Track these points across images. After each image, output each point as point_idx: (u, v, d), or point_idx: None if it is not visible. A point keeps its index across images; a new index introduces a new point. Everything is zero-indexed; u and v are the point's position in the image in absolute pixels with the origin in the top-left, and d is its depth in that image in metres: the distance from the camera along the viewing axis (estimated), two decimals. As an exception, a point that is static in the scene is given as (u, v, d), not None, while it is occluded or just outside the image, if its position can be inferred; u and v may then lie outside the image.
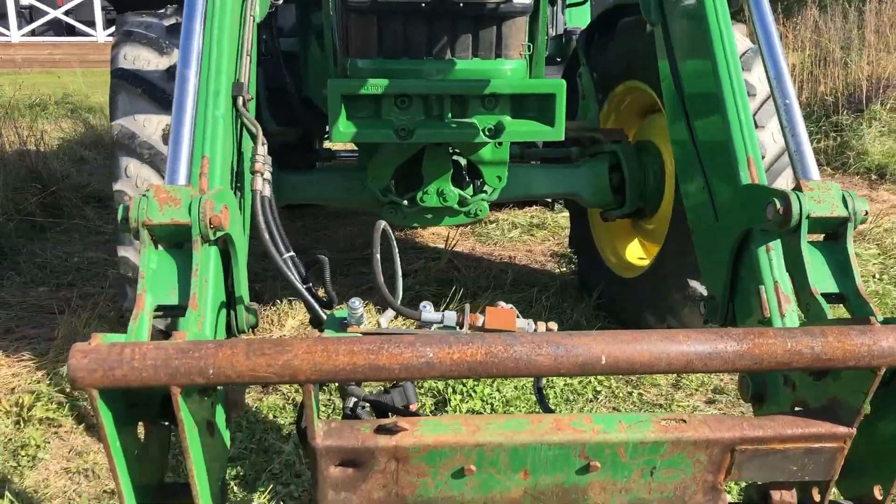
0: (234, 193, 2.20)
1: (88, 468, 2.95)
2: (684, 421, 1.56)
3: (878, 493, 1.71)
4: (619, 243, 4.54)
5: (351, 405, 1.88)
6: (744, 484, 1.71)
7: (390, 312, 1.90)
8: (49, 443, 3.11)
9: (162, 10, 3.65)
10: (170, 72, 3.27)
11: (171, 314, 1.75)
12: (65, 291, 4.70)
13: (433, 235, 6.00)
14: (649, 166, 4.05)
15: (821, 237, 1.94)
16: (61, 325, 3.83)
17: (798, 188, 1.87)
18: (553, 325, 1.72)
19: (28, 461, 2.97)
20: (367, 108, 3.21)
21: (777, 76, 2.06)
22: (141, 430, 1.63)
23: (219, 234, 1.79)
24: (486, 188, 3.76)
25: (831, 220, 1.85)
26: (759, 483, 1.67)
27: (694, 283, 3.66)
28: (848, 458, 1.61)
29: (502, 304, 1.72)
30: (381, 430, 1.51)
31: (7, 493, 2.76)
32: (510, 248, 5.67)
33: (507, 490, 1.58)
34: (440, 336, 1.40)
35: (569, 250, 5.47)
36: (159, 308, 1.73)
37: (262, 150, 2.19)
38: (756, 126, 3.46)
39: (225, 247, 1.93)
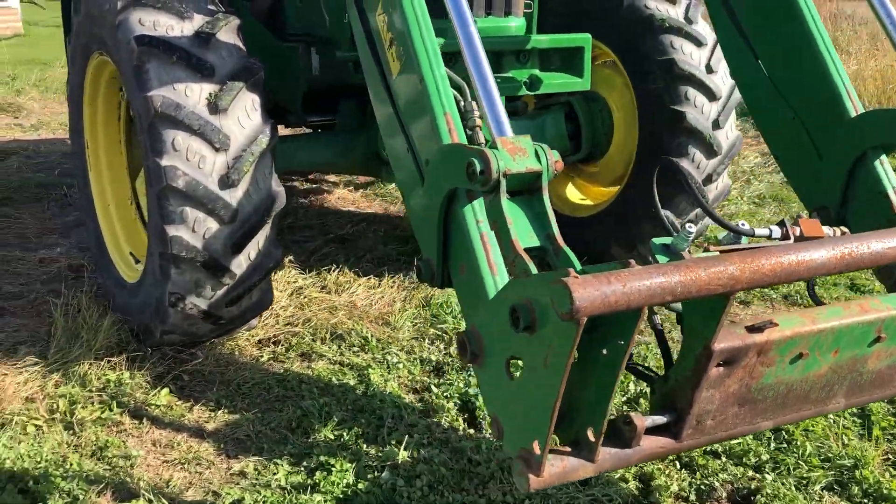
0: None
1: (192, 457, 2.81)
2: (934, 295, 1.99)
3: None
4: (558, 188, 4.94)
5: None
6: None
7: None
8: (125, 442, 2.90)
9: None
10: (199, 36, 3.10)
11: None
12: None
13: (338, 200, 6.02)
14: (598, 114, 4.47)
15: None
16: (56, 322, 3.48)
17: None
18: (845, 230, 2.06)
19: (125, 462, 2.76)
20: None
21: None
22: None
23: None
24: (479, 141, 3.96)
25: None
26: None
27: (666, 213, 4.17)
28: None
29: (805, 215, 2.02)
30: (751, 329, 1.77)
31: (142, 490, 2.58)
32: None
33: (819, 368, 1.92)
34: (818, 243, 1.69)
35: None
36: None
37: (475, 105, 2.25)
38: (718, 126, 4.01)
39: None
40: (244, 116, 3.09)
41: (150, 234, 3.20)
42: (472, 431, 2.98)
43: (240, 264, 3.17)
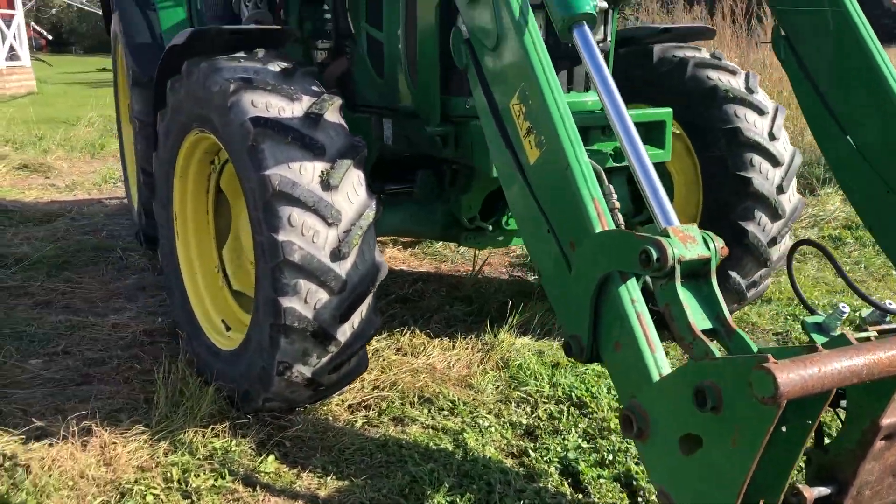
0: None
1: (314, 525, 2.89)
2: None
3: None
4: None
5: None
6: None
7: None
8: (246, 510, 2.98)
9: (247, 55, 3.57)
10: (309, 117, 3.25)
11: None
12: (71, 360, 4.27)
13: (389, 259, 6.15)
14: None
15: None
16: (158, 390, 3.56)
17: None
18: None
19: (251, 530, 2.84)
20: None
21: None
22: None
23: None
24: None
25: None
26: None
27: (734, 273, 4.31)
28: None
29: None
30: (910, 404, 1.89)
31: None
32: (475, 263, 5.99)
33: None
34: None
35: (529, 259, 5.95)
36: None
37: (612, 188, 2.40)
38: (782, 191, 4.18)
39: None
40: (352, 192, 3.23)
41: (258, 304, 3.31)
42: (579, 496, 3.07)
43: (344, 332, 3.28)
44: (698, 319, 1.96)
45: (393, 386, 3.87)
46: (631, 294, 2.09)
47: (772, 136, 4.22)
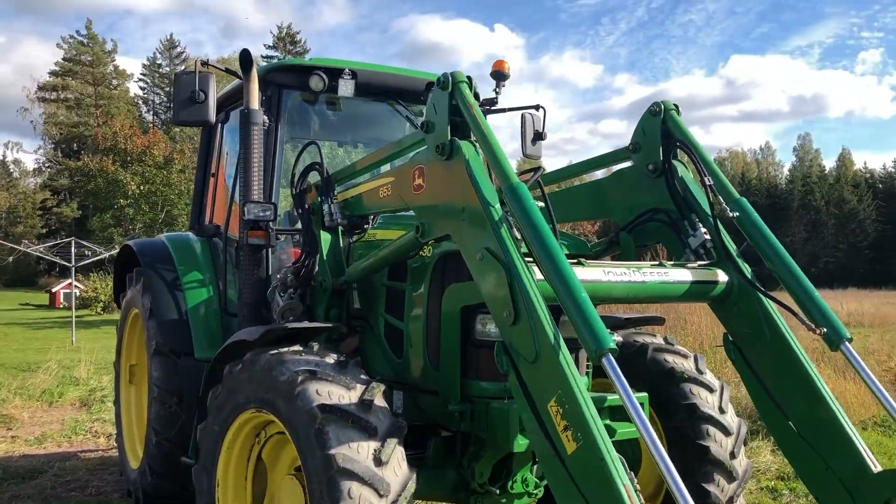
0: None
1: None
2: None
3: None
4: None
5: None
6: None
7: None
8: None
9: (304, 348, 4.30)
10: (363, 403, 3.94)
11: None
12: None
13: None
14: (627, 442, 5.40)
15: None
16: None
17: None
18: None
19: None
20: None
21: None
22: None
23: None
24: (547, 472, 4.79)
25: None
26: None
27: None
28: None
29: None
30: None
31: None
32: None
33: None
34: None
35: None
36: None
37: (632, 473, 3.12)
38: (734, 456, 5.00)
39: None
40: (397, 466, 3.86)
41: (314, 569, 3.78)
42: None
43: None
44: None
45: None
46: None
47: (721, 410, 5.09)
